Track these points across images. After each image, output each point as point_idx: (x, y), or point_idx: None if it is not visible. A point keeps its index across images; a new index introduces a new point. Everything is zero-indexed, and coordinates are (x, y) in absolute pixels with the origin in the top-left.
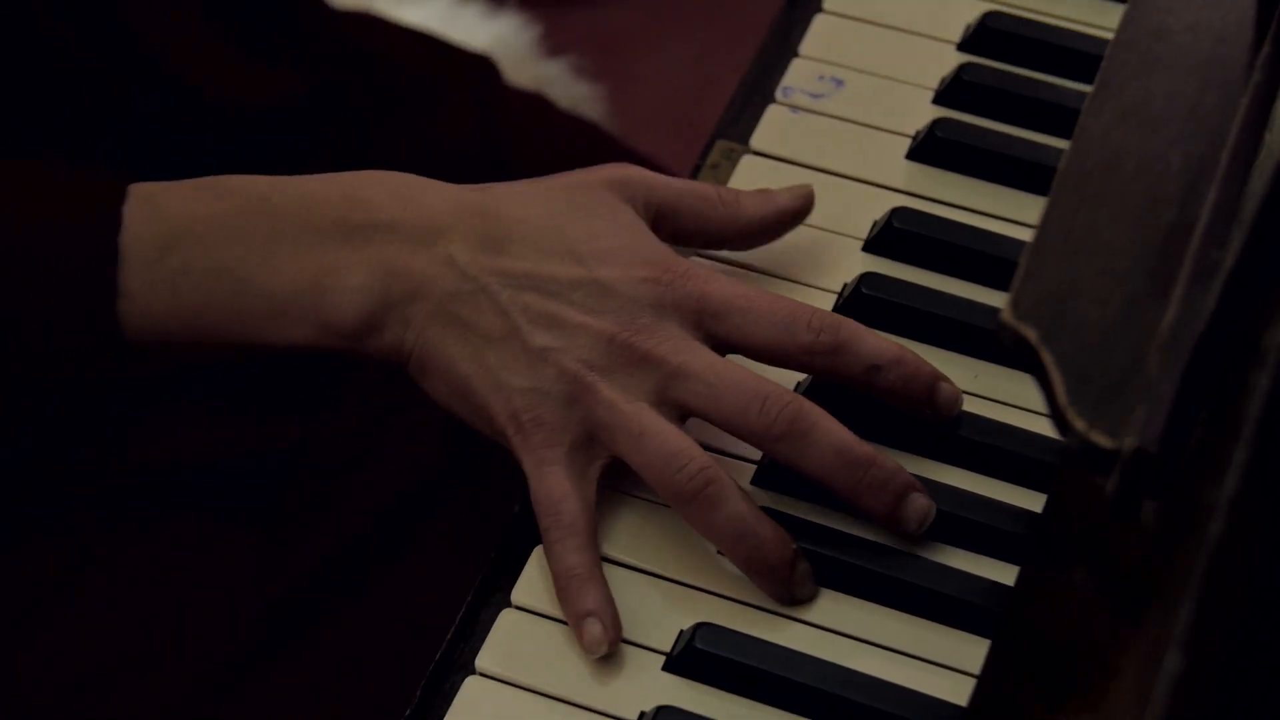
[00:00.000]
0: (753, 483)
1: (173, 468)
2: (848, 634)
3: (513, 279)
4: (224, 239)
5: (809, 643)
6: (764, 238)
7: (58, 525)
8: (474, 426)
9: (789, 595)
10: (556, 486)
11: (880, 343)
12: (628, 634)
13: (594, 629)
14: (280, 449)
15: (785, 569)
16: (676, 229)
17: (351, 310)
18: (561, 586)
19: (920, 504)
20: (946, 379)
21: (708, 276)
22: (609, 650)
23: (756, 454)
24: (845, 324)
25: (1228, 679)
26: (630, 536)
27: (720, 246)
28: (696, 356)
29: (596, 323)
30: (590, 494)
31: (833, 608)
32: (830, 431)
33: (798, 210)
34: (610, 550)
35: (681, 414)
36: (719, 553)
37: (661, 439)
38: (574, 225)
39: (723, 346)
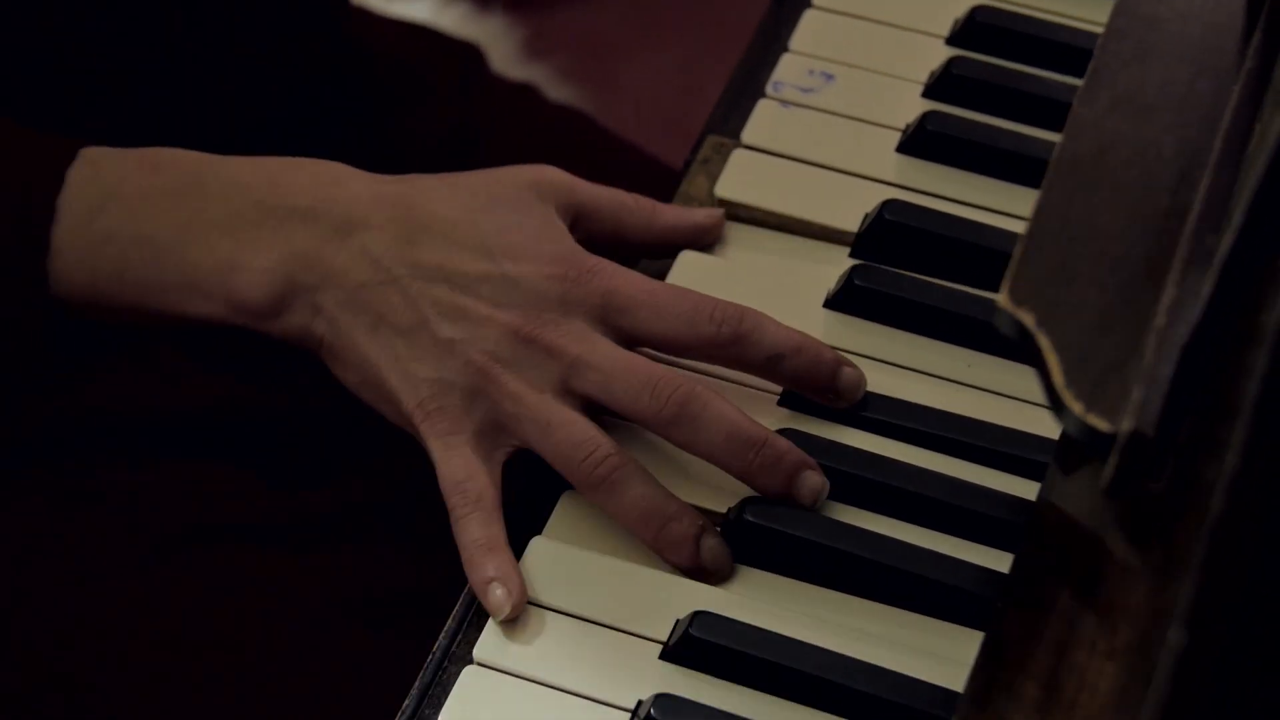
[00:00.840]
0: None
1: (163, 414)
2: (844, 621)
3: (424, 271)
4: (150, 209)
5: (805, 630)
6: (676, 246)
7: (26, 483)
8: (383, 414)
9: (700, 570)
10: (461, 466)
11: (782, 331)
12: (625, 624)
13: (497, 592)
14: (282, 400)
15: (691, 544)
16: (592, 230)
17: (258, 290)
18: (467, 558)
19: (813, 481)
20: (850, 364)
21: (614, 272)
22: (512, 614)
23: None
24: (748, 314)
25: (1230, 654)
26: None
27: (633, 251)
28: (595, 347)
29: (503, 316)
30: (496, 475)
31: (828, 596)
32: (721, 413)
33: (710, 228)
34: (606, 543)
35: (585, 404)
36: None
37: (568, 429)
38: (487, 220)
39: (629, 340)
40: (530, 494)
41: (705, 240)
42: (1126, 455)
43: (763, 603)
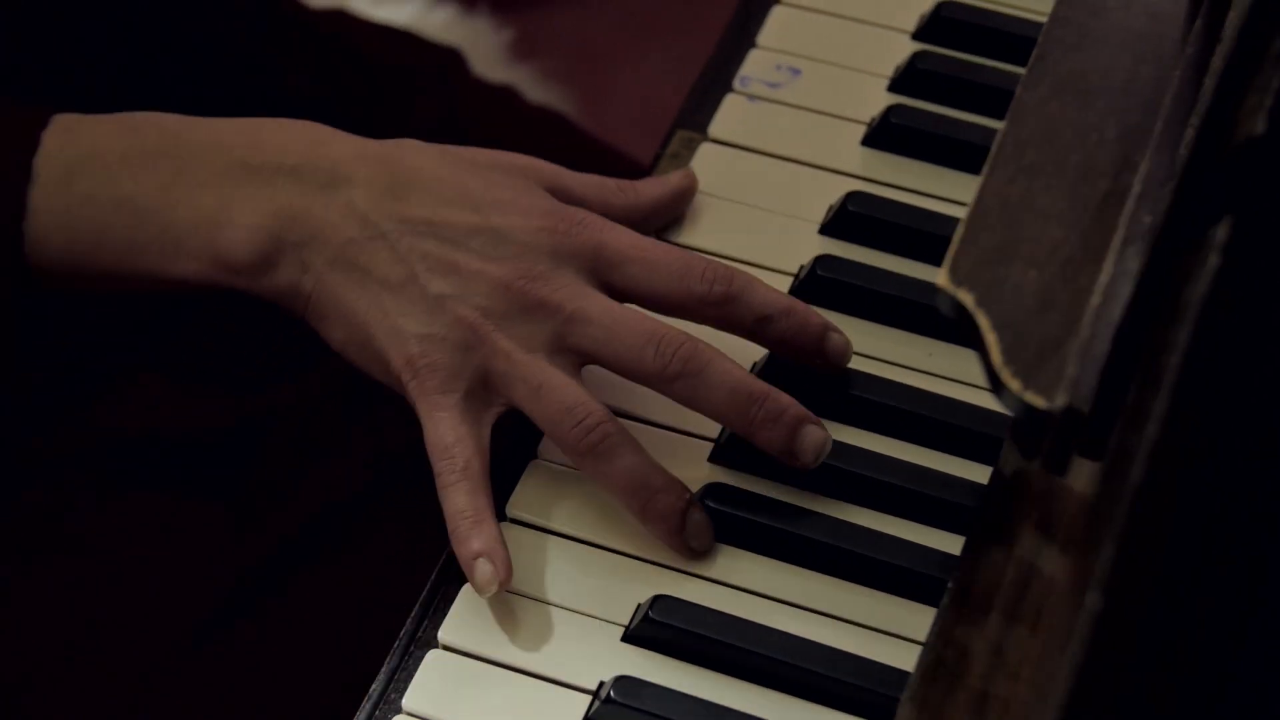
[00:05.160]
0: (709, 460)
1: (145, 440)
2: (801, 605)
3: (411, 226)
4: (130, 171)
5: (763, 613)
6: (662, 217)
7: (28, 495)
8: (369, 373)
9: (683, 544)
10: (449, 431)
11: (771, 293)
12: (588, 608)
13: (484, 569)
14: (251, 421)
15: (678, 517)
16: None
17: (245, 246)
18: (452, 529)
19: (815, 435)
20: (836, 329)
21: (604, 226)
22: (499, 589)
23: (710, 432)
24: (738, 275)
25: (1145, 618)
26: (590, 512)
27: None
28: (592, 302)
29: (493, 269)
30: (484, 440)
31: (786, 579)
32: (724, 369)
33: (688, 187)
34: (570, 527)
35: (579, 361)
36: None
37: (559, 392)
38: (473, 178)
39: (619, 295)
40: (494, 471)
41: (687, 200)
42: (1060, 431)
43: (721, 587)
